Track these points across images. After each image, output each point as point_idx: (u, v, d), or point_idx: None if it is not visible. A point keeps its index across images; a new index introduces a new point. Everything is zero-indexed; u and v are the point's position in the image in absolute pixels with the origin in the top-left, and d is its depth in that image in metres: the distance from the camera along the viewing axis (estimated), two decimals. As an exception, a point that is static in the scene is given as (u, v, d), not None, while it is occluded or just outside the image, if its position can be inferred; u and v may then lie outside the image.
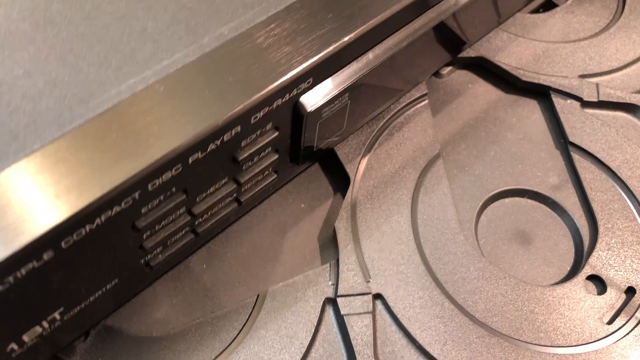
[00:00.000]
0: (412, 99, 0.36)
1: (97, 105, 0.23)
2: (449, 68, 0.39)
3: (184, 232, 0.27)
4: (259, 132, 0.26)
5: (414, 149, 0.35)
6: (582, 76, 0.39)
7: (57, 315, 0.24)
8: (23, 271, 0.20)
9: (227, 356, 0.27)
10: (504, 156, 0.36)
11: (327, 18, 0.27)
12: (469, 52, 0.39)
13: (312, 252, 0.31)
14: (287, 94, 0.25)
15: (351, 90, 0.29)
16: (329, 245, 0.31)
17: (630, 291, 0.31)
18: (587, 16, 0.42)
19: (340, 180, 0.34)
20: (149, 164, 0.22)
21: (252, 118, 0.25)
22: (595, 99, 0.37)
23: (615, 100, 0.37)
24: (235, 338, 0.28)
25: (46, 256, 0.21)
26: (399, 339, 0.29)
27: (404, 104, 0.36)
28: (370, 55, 0.29)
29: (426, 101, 0.36)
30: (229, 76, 0.24)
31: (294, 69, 0.25)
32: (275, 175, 0.30)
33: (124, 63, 0.24)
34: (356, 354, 0.28)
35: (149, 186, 0.22)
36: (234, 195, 0.28)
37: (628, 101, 0.37)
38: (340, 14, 0.27)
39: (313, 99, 0.27)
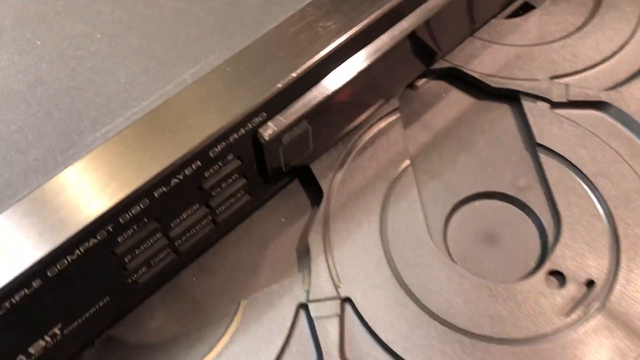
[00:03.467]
0: (385, 113, 0.39)
1: (75, 153, 0.27)
2: (424, 80, 0.41)
3: (165, 253, 0.31)
4: (221, 163, 0.29)
5: (386, 161, 0.37)
6: (554, 77, 0.40)
7: (56, 330, 0.28)
8: (17, 297, 0.25)
9: (210, 359, 0.31)
10: (475, 161, 0.38)
11: (278, 57, 0.30)
12: (442, 64, 0.41)
13: (289, 262, 0.35)
14: (242, 129, 0.29)
15: (308, 117, 0.32)
16: (305, 256, 0.34)
17: (589, 284, 0.33)
18: (563, 16, 0.44)
19: (317, 195, 0.37)
20: (115, 203, 0.26)
21: (211, 152, 0.28)
22: (564, 100, 0.39)
23: (583, 99, 0.39)
24: (218, 342, 0.32)
25: (35, 284, 0.25)
26: (366, 339, 0.32)
27: (376, 118, 0.39)
28: (325, 83, 0.32)
29: (398, 114, 0.39)
30: (188, 118, 0.28)
31: (245, 108, 0.28)
32: (249, 196, 0.33)
33: (99, 113, 0.29)
34: (324, 354, 0.31)
35: (120, 220, 0.26)
36: (210, 217, 0.32)
37: (596, 99, 0.39)
38: (290, 50, 0.30)
39: (270, 129, 0.30)
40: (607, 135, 0.38)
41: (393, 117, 0.39)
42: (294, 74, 0.30)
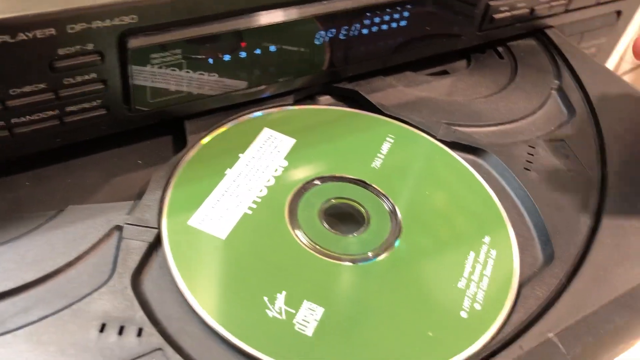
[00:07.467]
0: (277, 104, 0.40)
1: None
2: (327, 97, 0.43)
3: (-4, 124, 0.30)
4: (79, 48, 0.30)
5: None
6: (447, 123, 0.41)
7: None
8: None
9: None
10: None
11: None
12: (345, 85, 0.43)
13: (129, 194, 0.34)
14: (108, 19, 0.30)
15: (183, 49, 0.33)
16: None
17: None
18: (474, 85, 0.46)
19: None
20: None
21: (68, 28, 0.29)
22: (448, 139, 0.40)
23: (466, 143, 0.40)
24: (24, 234, 0.30)
25: None
26: (166, 275, 0.30)
27: (268, 105, 0.40)
28: (212, 24, 0.33)
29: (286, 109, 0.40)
30: (66, -6, 0.29)
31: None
32: (105, 111, 0.33)
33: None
34: (115, 273, 0.29)
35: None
36: (56, 111, 0.31)
37: (477, 145, 0.40)
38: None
39: (139, 38, 0.31)
40: (487, 182, 0.38)
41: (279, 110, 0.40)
42: (175, -6, 0.31)
